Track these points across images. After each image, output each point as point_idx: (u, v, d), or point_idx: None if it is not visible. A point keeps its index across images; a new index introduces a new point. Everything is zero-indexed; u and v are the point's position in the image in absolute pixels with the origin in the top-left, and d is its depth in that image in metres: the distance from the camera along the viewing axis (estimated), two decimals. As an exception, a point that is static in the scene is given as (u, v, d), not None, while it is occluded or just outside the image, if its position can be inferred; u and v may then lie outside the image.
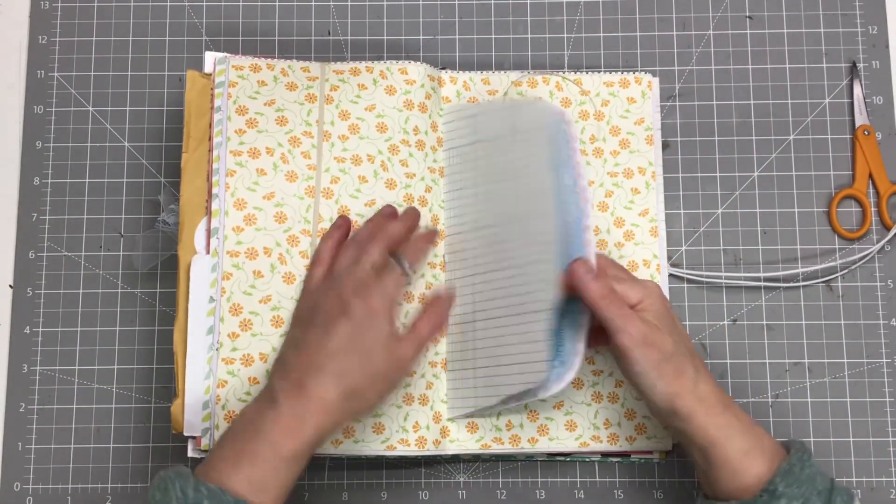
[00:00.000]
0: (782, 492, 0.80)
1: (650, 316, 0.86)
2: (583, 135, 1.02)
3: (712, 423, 0.83)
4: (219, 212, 0.95)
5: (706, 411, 0.83)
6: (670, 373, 0.83)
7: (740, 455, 0.82)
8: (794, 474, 0.81)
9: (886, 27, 1.07)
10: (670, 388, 0.83)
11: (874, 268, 1.02)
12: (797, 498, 0.80)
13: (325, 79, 0.99)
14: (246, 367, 0.93)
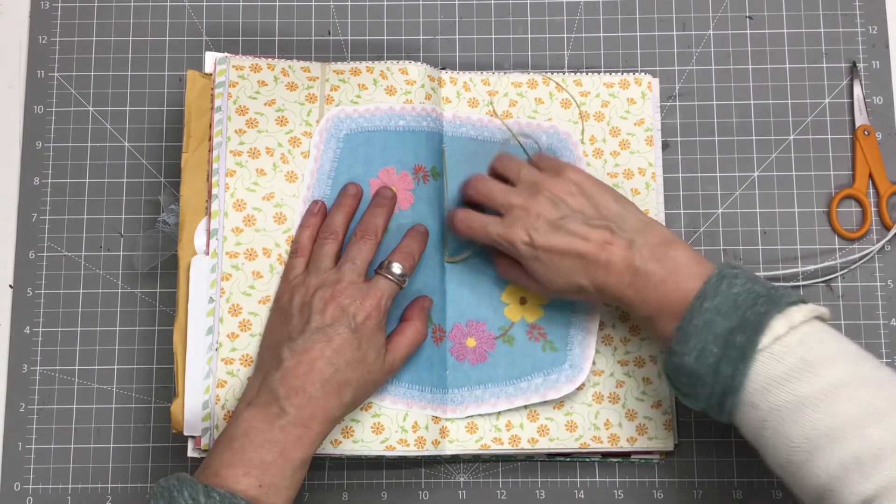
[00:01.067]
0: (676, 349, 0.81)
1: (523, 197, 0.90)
2: (583, 136, 1.02)
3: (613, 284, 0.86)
4: (218, 212, 0.95)
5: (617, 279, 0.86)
6: None
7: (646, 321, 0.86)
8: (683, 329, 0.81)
9: (886, 27, 1.07)
10: None
11: (874, 268, 1.02)
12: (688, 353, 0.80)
13: (326, 79, 1.00)
14: (245, 367, 0.93)
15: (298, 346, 0.85)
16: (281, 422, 0.82)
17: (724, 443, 1.00)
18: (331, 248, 0.92)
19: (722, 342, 0.79)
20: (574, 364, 0.96)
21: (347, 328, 0.86)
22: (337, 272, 0.89)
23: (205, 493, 0.77)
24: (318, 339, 0.85)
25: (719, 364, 0.79)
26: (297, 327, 0.87)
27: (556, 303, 0.98)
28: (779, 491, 0.99)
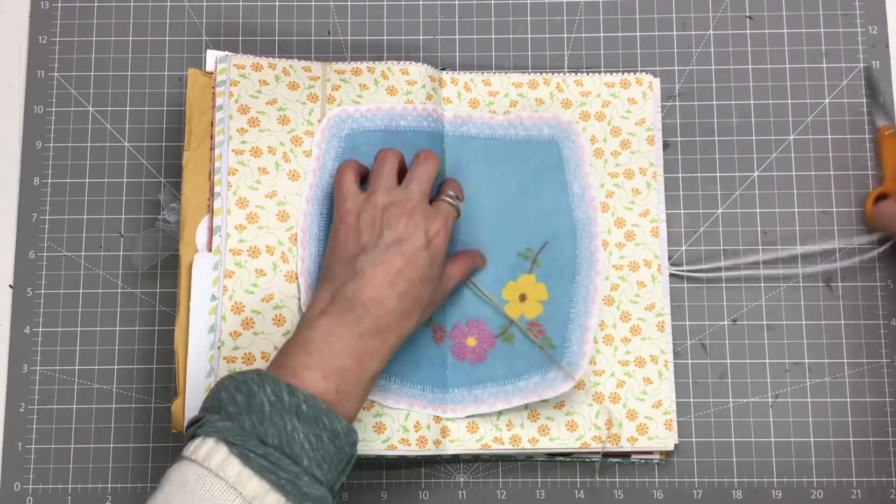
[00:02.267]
0: None
1: None
2: (583, 135, 1.02)
3: None
4: (221, 210, 0.95)
5: None
6: None
7: None
8: None
9: (886, 27, 1.07)
10: None
11: (874, 268, 1.02)
12: None
13: (327, 78, 1.00)
14: (247, 365, 0.93)
15: (376, 258, 0.85)
16: (359, 330, 0.82)
17: (724, 443, 1.00)
18: (391, 166, 0.92)
19: None
20: (571, 362, 0.96)
21: (420, 244, 0.87)
22: (404, 191, 0.90)
23: (288, 391, 0.76)
24: (393, 252, 0.86)
25: None
26: (371, 241, 0.87)
27: (556, 298, 0.98)
28: (779, 491, 0.99)
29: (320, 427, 0.76)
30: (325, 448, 0.76)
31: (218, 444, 0.74)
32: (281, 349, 0.83)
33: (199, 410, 0.79)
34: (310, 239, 0.96)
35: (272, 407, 0.76)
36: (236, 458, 0.73)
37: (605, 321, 0.98)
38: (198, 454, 0.74)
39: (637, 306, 0.99)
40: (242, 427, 0.75)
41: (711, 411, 1.00)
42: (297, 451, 0.75)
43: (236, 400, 0.76)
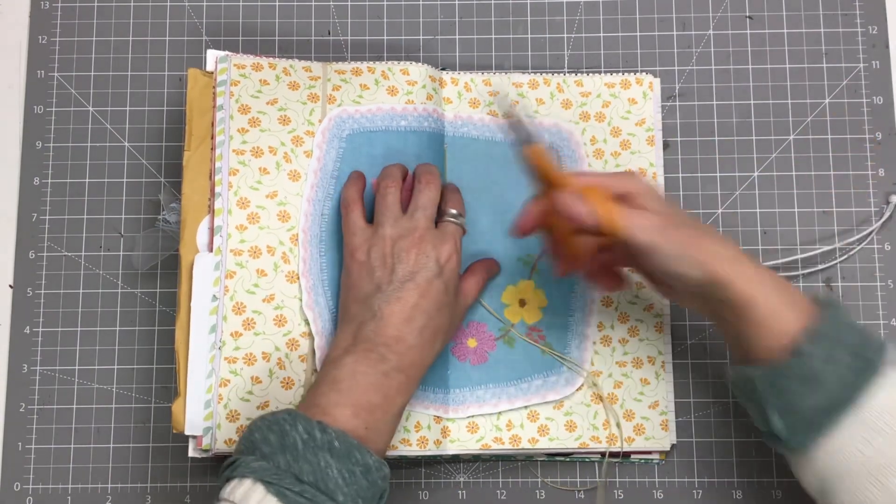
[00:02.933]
0: (808, 352, 0.78)
1: (650, 204, 0.85)
2: (584, 136, 1.02)
3: (748, 278, 0.81)
4: (222, 210, 0.95)
5: (741, 269, 0.81)
6: (694, 242, 0.82)
7: (772, 312, 0.80)
8: (821, 333, 0.79)
9: (886, 27, 1.07)
10: (701, 258, 0.81)
11: (874, 268, 1.03)
12: (821, 356, 0.78)
13: (328, 78, 1.00)
14: (248, 366, 0.93)
15: (391, 296, 0.86)
16: (384, 368, 0.83)
17: (724, 443, 1.00)
18: (394, 196, 0.92)
19: (852, 352, 0.78)
20: (572, 366, 0.97)
21: (433, 273, 0.87)
22: (410, 220, 0.90)
23: (320, 428, 0.77)
24: (408, 287, 0.86)
25: (848, 373, 0.78)
26: (384, 278, 0.87)
27: (554, 306, 0.98)
28: (779, 491, 0.99)
29: (353, 462, 0.77)
30: (359, 483, 0.77)
31: (255, 484, 0.75)
32: (309, 390, 0.85)
33: (234, 453, 0.80)
34: (311, 239, 0.96)
35: (305, 445, 0.77)
36: (273, 496, 0.74)
37: (604, 322, 0.99)
38: (235, 495, 0.75)
39: (636, 307, 0.99)
40: (278, 466, 0.76)
41: (711, 411, 1.00)
42: (332, 487, 0.76)
43: (269, 440, 0.77)
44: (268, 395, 0.93)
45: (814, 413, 0.78)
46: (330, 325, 0.94)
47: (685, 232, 0.83)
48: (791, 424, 0.80)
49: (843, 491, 0.78)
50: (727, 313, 0.83)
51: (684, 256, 0.81)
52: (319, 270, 0.95)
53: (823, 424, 0.78)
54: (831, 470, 0.78)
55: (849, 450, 0.77)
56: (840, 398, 0.77)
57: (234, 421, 0.92)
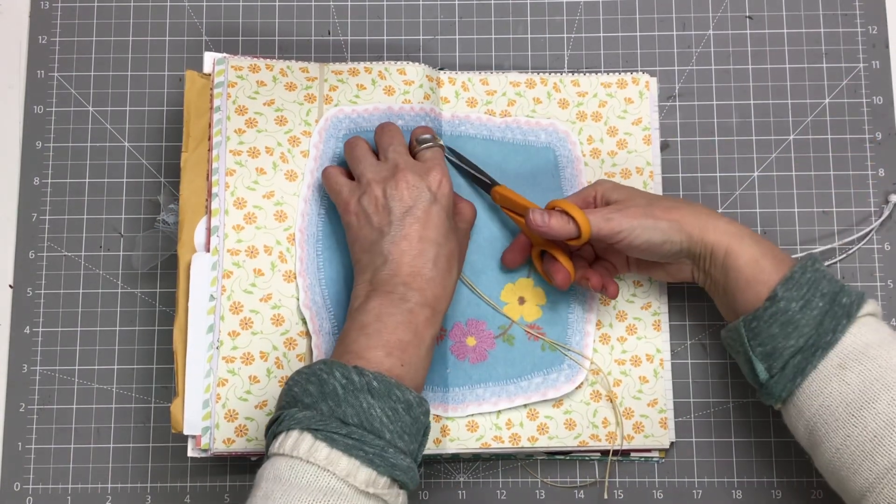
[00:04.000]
0: (781, 296, 0.83)
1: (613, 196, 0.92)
2: (580, 136, 1.02)
3: (723, 230, 0.87)
4: (219, 210, 0.95)
5: (714, 223, 0.87)
6: (664, 210, 0.88)
7: (752, 263, 0.86)
8: (795, 279, 0.83)
9: (886, 27, 1.07)
10: (673, 220, 0.87)
11: (874, 268, 1.02)
12: (796, 300, 0.83)
13: (324, 79, 1.00)
14: (246, 365, 0.93)
15: (395, 236, 0.86)
16: (408, 305, 0.84)
17: (724, 443, 1.00)
18: (363, 146, 0.94)
19: (828, 299, 0.83)
20: (572, 364, 0.97)
21: (429, 202, 0.88)
22: (385, 161, 0.91)
23: (356, 372, 0.78)
24: (408, 222, 0.87)
25: (824, 317, 0.82)
26: (383, 220, 0.88)
27: (553, 304, 0.98)
28: (778, 491, 0.99)
29: (394, 400, 0.78)
30: (402, 419, 0.78)
31: (302, 433, 0.76)
32: (339, 340, 0.85)
33: (275, 410, 0.81)
34: (308, 239, 0.96)
35: (345, 389, 0.77)
36: (322, 442, 0.75)
37: (602, 320, 0.99)
38: (285, 447, 0.76)
39: (633, 306, 0.99)
40: (322, 413, 0.77)
41: (711, 411, 1.00)
42: (378, 426, 0.77)
43: (309, 391, 0.78)
44: (266, 394, 0.93)
45: (792, 356, 0.83)
46: (328, 324, 0.94)
47: (653, 205, 0.89)
48: (774, 370, 0.84)
49: (828, 433, 0.81)
50: (715, 271, 0.88)
51: (657, 225, 0.87)
52: (316, 269, 0.95)
53: (802, 367, 0.82)
54: (816, 414, 0.82)
55: (828, 390, 0.81)
56: (816, 340, 0.82)
57: (233, 420, 0.92)
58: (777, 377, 0.84)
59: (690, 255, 0.89)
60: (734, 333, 0.87)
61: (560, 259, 0.93)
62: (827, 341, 0.82)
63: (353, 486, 0.75)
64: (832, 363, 0.82)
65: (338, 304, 0.95)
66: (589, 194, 0.93)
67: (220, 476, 1.00)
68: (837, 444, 0.80)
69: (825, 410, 0.81)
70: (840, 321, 0.82)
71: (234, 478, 1.00)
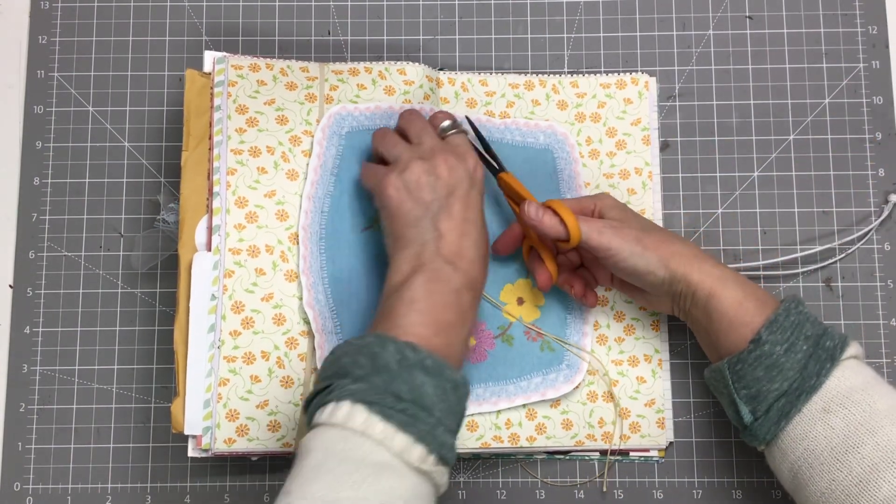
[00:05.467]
0: (766, 339, 0.83)
1: (611, 214, 0.92)
2: (579, 137, 1.02)
3: (707, 273, 0.87)
4: (220, 209, 0.95)
5: (700, 265, 0.88)
6: (655, 243, 0.88)
7: (735, 305, 0.86)
8: (779, 322, 0.84)
9: (886, 27, 1.07)
10: (660, 255, 0.88)
11: (874, 268, 1.02)
12: (781, 343, 0.83)
13: (325, 79, 1.00)
14: (248, 364, 0.93)
15: (441, 214, 0.86)
16: (454, 285, 0.83)
17: (724, 443, 1.00)
18: (393, 134, 0.94)
19: (812, 342, 0.83)
20: (571, 364, 0.97)
21: (468, 184, 0.88)
22: (420, 145, 0.91)
23: (410, 348, 0.77)
24: (452, 201, 0.86)
25: (808, 361, 0.82)
26: (427, 196, 0.87)
27: (552, 304, 0.99)
28: (778, 491, 0.99)
29: (444, 379, 0.77)
30: (450, 400, 0.78)
31: (354, 405, 0.75)
32: (382, 312, 0.84)
33: (321, 380, 0.79)
34: (311, 237, 0.96)
35: (399, 365, 0.76)
36: (377, 416, 0.74)
37: (599, 321, 0.99)
38: (336, 417, 0.75)
39: (631, 306, 0.99)
40: (375, 386, 0.76)
41: (711, 411, 1.00)
42: (429, 404, 0.76)
43: (360, 363, 0.77)
44: (267, 394, 0.93)
45: (777, 399, 0.83)
46: (330, 323, 0.94)
47: (646, 234, 0.89)
48: (759, 413, 0.84)
49: (812, 476, 0.81)
50: (697, 312, 0.88)
51: (644, 255, 0.87)
52: (319, 268, 0.95)
53: (787, 411, 0.82)
54: (800, 457, 0.82)
55: (812, 434, 0.81)
56: (801, 384, 0.82)
57: (234, 420, 0.92)
58: (761, 420, 0.84)
59: (671, 292, 0.90)
60: (718, 374, 0.87)
61: (546, 260, 0.94)
62: (811, 385, 0.82)
63: (406, 463, 0.74)
64: (816, 407, 0.82)
65: (340, 303, 0.95)
66: (588, 205, 0.93)
67: (220, 476, 1.00)
68: (822, 489, 0.80)
69: (810, 454, 0.81)
70: (824, 365, 0.82)
71: (234, 478, 1.00)
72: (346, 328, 0.94)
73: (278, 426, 0.93)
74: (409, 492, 0.73)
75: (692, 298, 0.88)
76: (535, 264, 0.95)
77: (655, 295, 0.92)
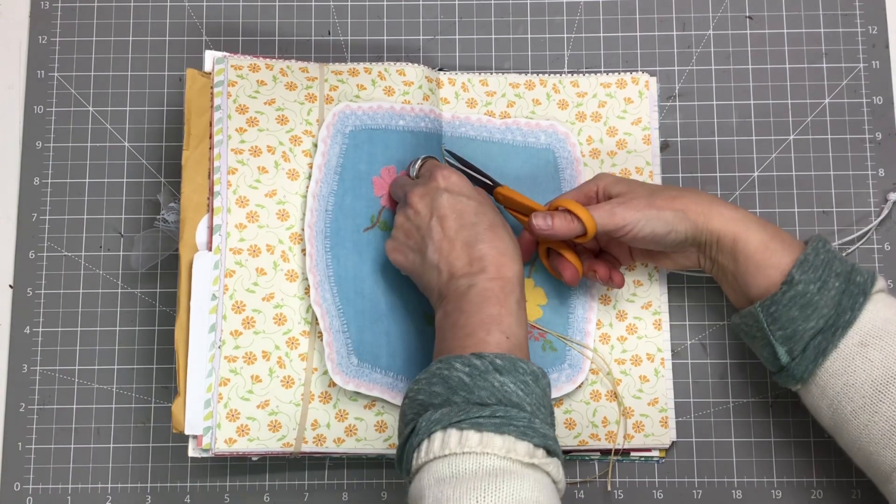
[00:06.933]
0: (798, 279, 0.84)
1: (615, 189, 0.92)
2: (580, 136, 1.02)
3: (729, 217, 0.88)
4: (221, 209, 0.95)
5: (718, 210, 0.88)
6: (666, 200, 0.89)
7: (761, 248, 0.86)
8: (809, 261, 0.84)
9: (886, 27, 1.07)
10: (676, 210, 0.88)
11: (874, 268, 1.03)
12: (814, 282, 0.84)
13: (325, 79, 1.00)
14: (248, 364, 0.93)
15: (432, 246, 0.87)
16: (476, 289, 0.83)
17: (724, 443, 1.00)
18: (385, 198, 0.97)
19: (843, 278, 0.84)
20: (573, 364, 0.97)
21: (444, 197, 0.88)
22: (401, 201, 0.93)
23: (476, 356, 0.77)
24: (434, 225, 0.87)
25: (841, 297, 0.83)
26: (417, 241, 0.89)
27: (554, 304, 0.98)
28: (779, 491, 0.99)
29: (521, 373, 0.78)
30: (535, 391, 0.78)
31: (446, 431, 0.75)
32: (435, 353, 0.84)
33: (405, 425, 0.80)
34: (316, 235, 0.95)
35: (471, 376, 0.77)
36: (469, 430, 0.74)
37: (602, 320, 0.99)
38: (433, 450, 0.74)
39: (634, 305, 0.99)
40: (457, 405, 0.76)
41: (711, 411, 1.00)
42: (517, 401, 0.76)
43: (435, 392, 0.77)
44: (268, 393, 0.93)
45: (813, 336, 0.84)
46: (337, 322, 0.94)
47: (656, 196, 0.89)
48: (795, 352, 0.85)
49: (854, 410, 0.83)
50: (722, 258, 0.89)
51: (661, 216, 0.88)
52: (325, 266, 0.95)
53: (824, 346, 0.83)
54: (839, 392, 0.83)
55: (851, 367, 0.82)
56: (836, 320, 0.83)
57: (235, 420, 0.92)
58: (798, 359, 0.85)
59: (696, 243, 0.90)
60: (749, 319, 0.88)
61: (567, 256, 0.94)
62: (846, 320, 0.83)
63: (516, 461, 0.73)
64: (853, 341, 0.83)
65: (347, 301, 0.95)
66: (590, 189, 0.93)
67: (220, 476, 1.00)
68: (865, 421, 0.81)
69: (850, 389, 0.82)
70: (857, 300, 0.83)
71: (234, 478, 1.00)
72: (353, 326, 0.94)
73: (279, 426, 0.93)
74: (533, 492, 0.73)
75: (717, 245, 0.88)
76: (557, 262, 0.95)
77: (680, 253, 0.93)
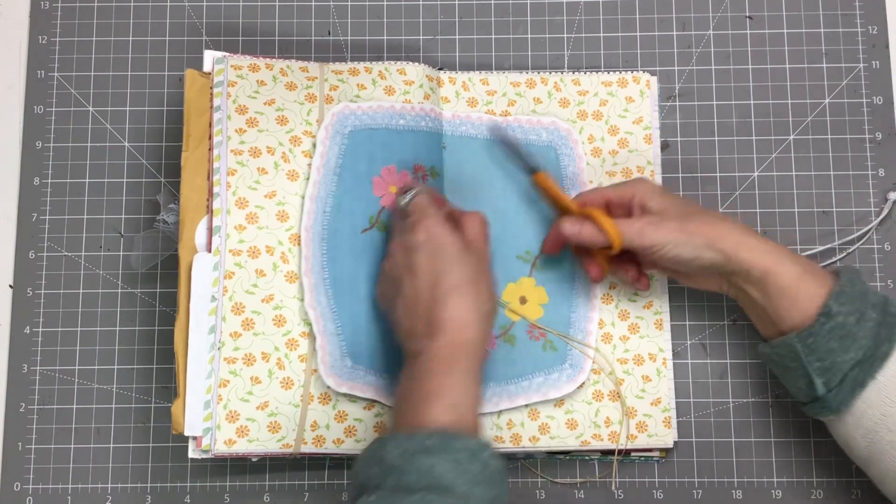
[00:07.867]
0: (837, 310, 0.84)
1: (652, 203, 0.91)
2: (581, 134, 1.02)
3: (760, 250, 0.87)
4: (220, 210, 0.95)
5: (750, 244, 0.88)
6: (697, 227, 0.88)
7: (795, 280, 0.86)
8: (846, 293, 0.84)
9: (886, 27, 1.07)
10: (706, 238, 0.88)
11: (874, 268, 1.02)
12: (852, 313, 0.84)
13: (325, 79, 1.00)
14: (248, 366, 0.93)
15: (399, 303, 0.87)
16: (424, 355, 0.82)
17: (724, 443, 1.00)
18: None
19: (879, 310, 0.84)
20: (574, 364, 0.97)
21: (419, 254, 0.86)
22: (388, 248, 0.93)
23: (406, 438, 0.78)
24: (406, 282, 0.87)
25: (878, 328, 0.83)
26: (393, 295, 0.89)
27: (555, 303, 0.98)
28: (779, 491, 0.99)
29: (454, 451, 0.77)
30: (469, 470, 0.77)
31: None
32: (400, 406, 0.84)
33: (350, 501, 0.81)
34: (313, 237, 0.95)
35: (402, 458, 0.76)
36: None
37: (604, 320, 0.99)
38: None
39: (635, 305, 0.99)
40: (387, 490, 0.76)
41: (711, 411, 1.00)
42: (447, 483, 0.75)
43: (371, 473, 0.78)
44: (267, 395, 0.93)
45: (851, 368, 0.83)
46: (332, 325, 0.94)
47: (688, 221, 0.89)
48: (832, 384, 0.85)
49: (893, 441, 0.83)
50: (750, 288, 0.89)
51: (690, 242, 0.87)
52: (321, 269, 0.95)
53: (861, 379, 0.83)
54: (878, 422, 0.83)
55: (891, 398, 0.82)
56: (874, 351, 0.83)
57: (234, 421, 0.92)
58: (835, 391, 0.84)
59: (724, 272, 0.90)
60: (783, 349, 0.87)
61: (596, 255, 0.95)
62: (884, 351, 0.83)
63: None
64: (890, 371, 0.83)
65: (342, 304, 0.95)
66: (627, 193, 0.93)
67: (220, 476, 1.00)
68: None
69: (889, 419, 0.83)
70: (893, 330, 0.84)
71: (234, 478, 1.00)
72: (347, 329, 0.94)
73: (278, 427, 0.93)
74: None
75: (745, 276, 0.88)
76: (585, 259, 0.96)
77: (703, 276, 0.93)
